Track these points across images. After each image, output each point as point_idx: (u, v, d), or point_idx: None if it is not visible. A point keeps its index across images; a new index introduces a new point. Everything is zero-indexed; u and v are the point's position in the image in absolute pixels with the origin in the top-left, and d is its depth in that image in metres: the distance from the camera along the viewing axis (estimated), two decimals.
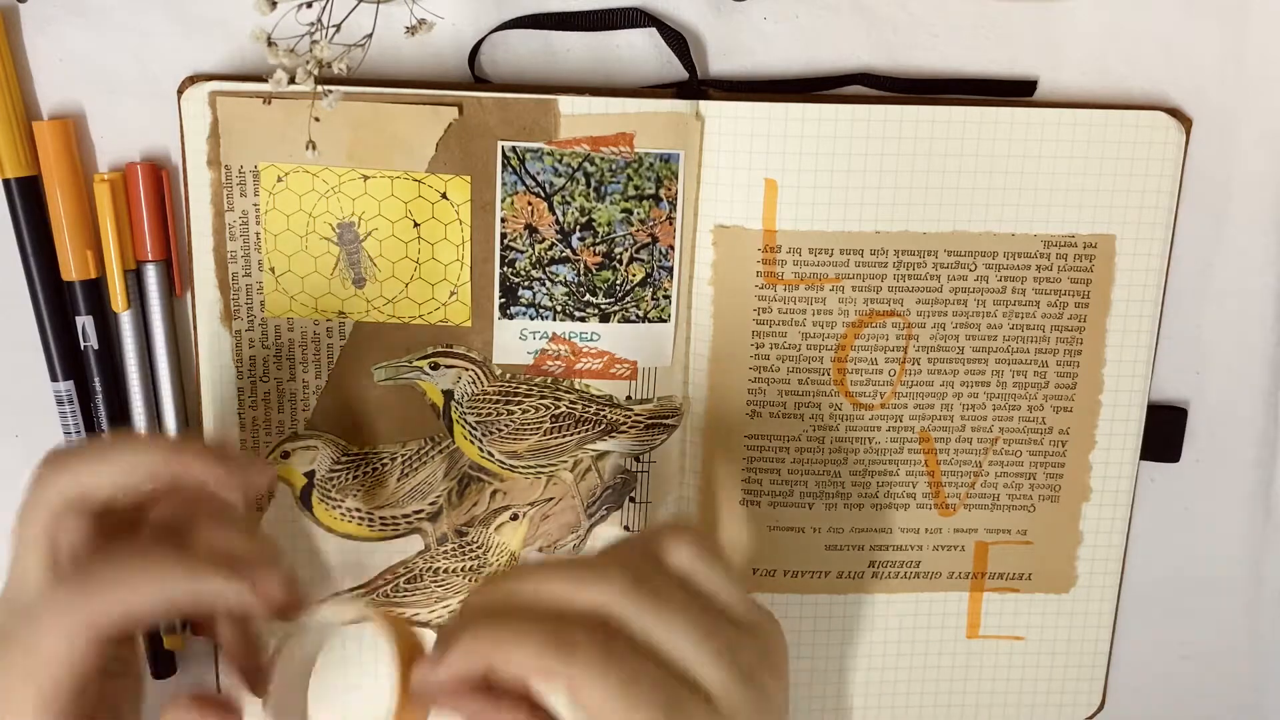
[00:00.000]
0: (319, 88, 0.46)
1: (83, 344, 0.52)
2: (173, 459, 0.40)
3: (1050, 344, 0.53)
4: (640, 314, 0.52)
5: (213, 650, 0.56)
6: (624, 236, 0.51)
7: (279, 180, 0.50)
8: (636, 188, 0.50)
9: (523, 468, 0.53)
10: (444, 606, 0.55)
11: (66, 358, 0.52)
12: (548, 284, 0.51)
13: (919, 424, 0.54)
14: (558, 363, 0.52)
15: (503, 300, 0.51)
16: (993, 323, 0.52)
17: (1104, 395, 0.53)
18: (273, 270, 0.51)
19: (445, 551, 0.54)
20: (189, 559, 0.38)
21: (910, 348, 0.53)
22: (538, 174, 0.50)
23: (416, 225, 0.50)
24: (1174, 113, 0.51)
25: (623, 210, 0.50)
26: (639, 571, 0.38)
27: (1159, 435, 0.54)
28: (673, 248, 0.51)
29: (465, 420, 0.52)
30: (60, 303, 0.51)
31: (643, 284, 0.51)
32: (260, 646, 0.43)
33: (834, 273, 0.51)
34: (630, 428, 0.53)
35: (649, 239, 0.51)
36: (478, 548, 0.54)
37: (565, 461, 0.53)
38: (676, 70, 0.51)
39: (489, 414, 0.52)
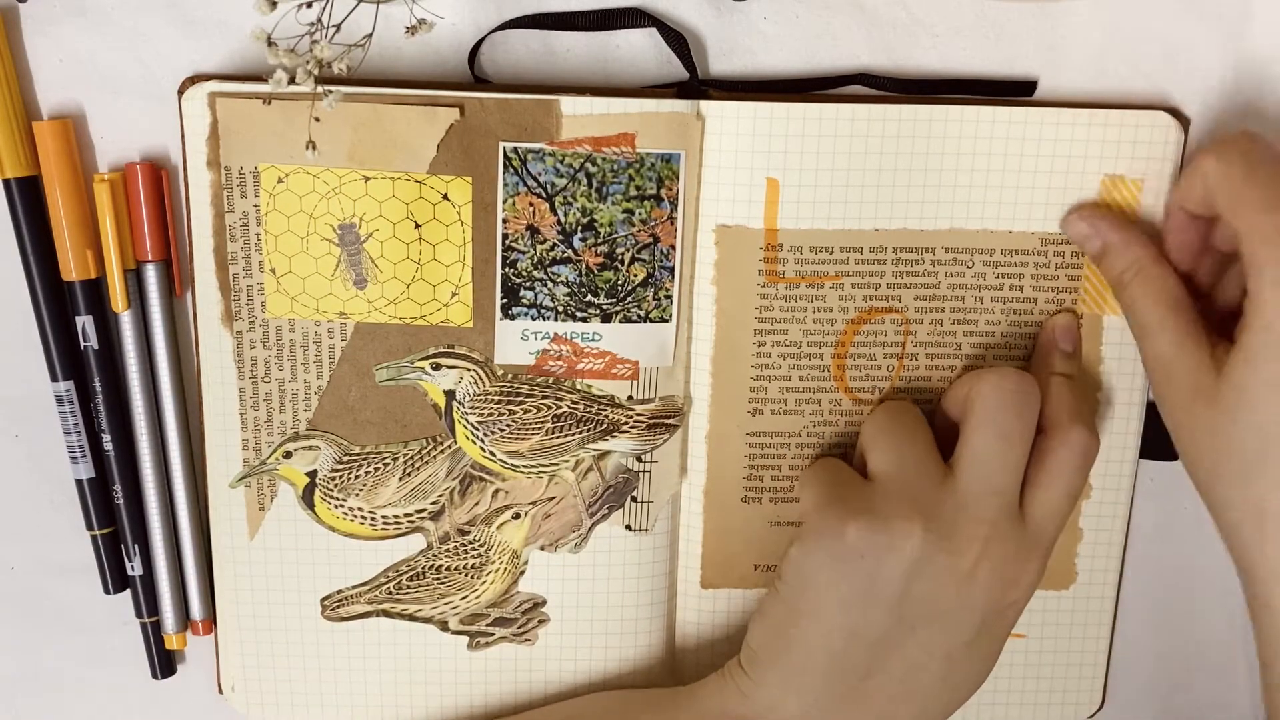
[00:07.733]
0: (319, 88, 0.46)
1: (83, 344, 0.51)
2: None
3: None
4: (642, 314, 0.52)
5: (214, 650, 0.56)
6: (625, 237, 0.51)
7: (279, 181, 0.50)
8: (638, 188, 0.50)
9: (524, 467, 0.53)
10: (446, 604, 0.55)
11: (66, 358, 0.52)
12: (549, 284, 0.51)
13: None
14: (559, 363, 0.52)
15: (504, 301, 0.51)
16: (990, 319, 0.53)
17: (1103, 394, 0.54)
18: (273, 271, 0.51)
19: (447, 550, 0.54)
20: None
21: (908, 344, 0.53)
22: (539, 175, 0.50)
23: (418, 226, 0.50)
24: (1174, 113, 0.51)
25: (624, 210, 0.50)
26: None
27: (1159, 434, 0.55)
28: (674, 248, 0.51)
29: (467, 420, 0.53)
30: (60, 303, 0.51)
31: (644, 284, 0.51)
32: None
33: (834, 270, 0.52)
34: (632, 427, 0.53)
35: (650, 239, 0.51)
36: (480, 546, 0.54)
37: (567, 461, 0.53)
38: (677, 70, 0.50)
39: (491, 414, 0.52)
